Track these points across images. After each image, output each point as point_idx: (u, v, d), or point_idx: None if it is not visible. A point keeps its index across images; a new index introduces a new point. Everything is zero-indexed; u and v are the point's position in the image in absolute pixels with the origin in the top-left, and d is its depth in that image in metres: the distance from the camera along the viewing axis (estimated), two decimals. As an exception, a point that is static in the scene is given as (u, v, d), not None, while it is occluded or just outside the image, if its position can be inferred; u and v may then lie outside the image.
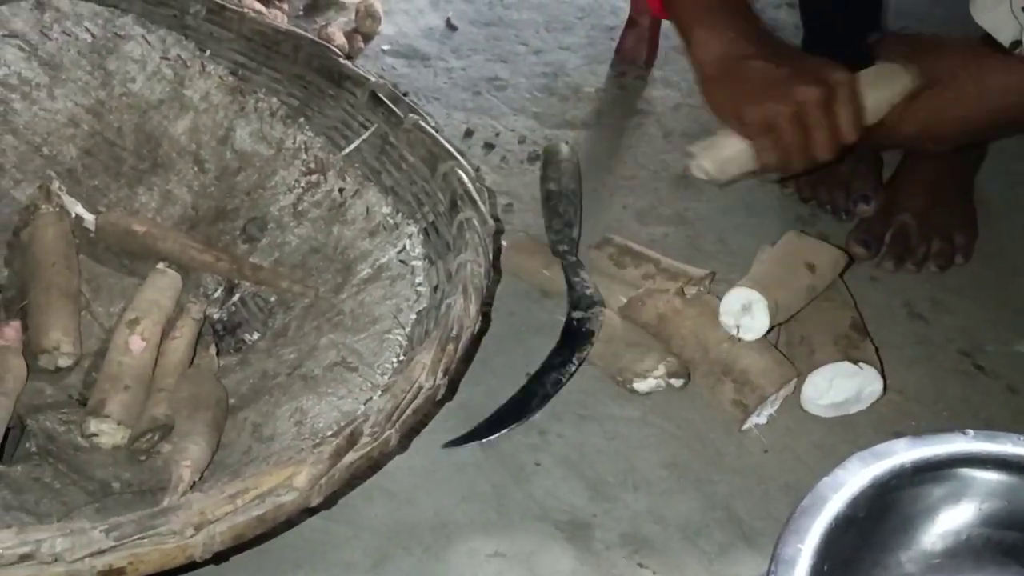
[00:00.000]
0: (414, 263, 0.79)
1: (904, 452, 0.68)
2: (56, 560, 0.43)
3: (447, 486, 0.77)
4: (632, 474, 0.79)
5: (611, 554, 0.73)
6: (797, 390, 0.82)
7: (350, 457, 0.53)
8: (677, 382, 0.82)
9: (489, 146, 1.11)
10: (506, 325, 0.90)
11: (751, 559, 0.73)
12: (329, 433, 0.65)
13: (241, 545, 0.52)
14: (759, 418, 0.82)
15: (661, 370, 0.81)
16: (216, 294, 0.85)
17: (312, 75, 0.88)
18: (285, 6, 1.27)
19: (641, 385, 0.82)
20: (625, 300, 0.87)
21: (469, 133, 1.13)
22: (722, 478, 0.79)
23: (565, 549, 0.73)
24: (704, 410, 0.83)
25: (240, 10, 0.91)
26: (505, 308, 0.92)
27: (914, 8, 1.35)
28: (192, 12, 0.91)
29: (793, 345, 0.84)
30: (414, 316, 0.75)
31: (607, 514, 0.76)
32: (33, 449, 0.72)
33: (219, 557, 0.51)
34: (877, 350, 0.84)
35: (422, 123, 0.83)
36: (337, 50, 0.90)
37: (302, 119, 0.88)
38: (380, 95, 0.85)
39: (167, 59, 0.91)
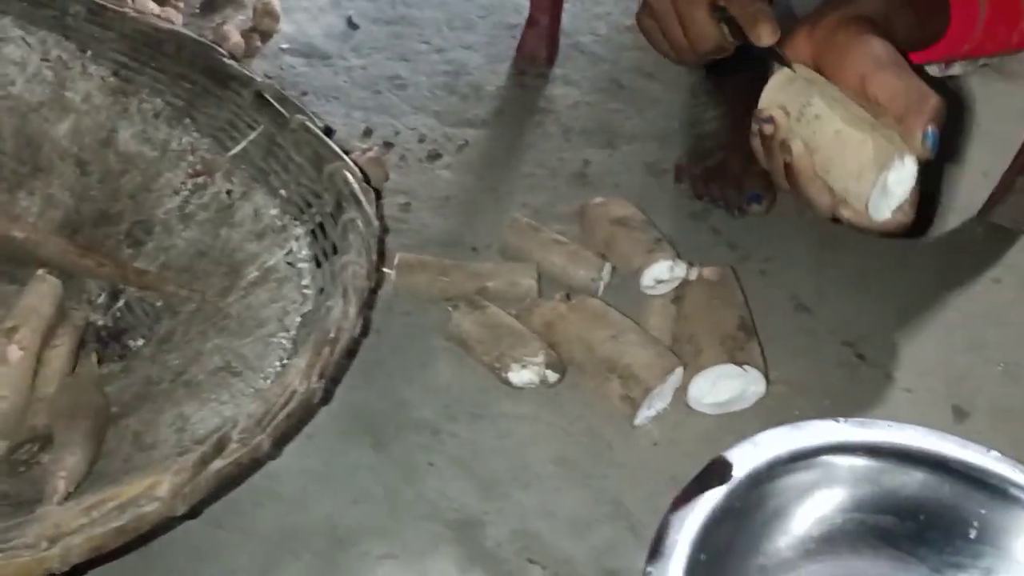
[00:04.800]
0: (301, 265, 0.79)
1: (779, 442, 0.70)
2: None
3: (339, 489, 0.76)
4: (524, 471, 0.79)
5: (501, 551, 0.74)
6: (685, 385, 0.84)
7: (218, 464, 0.53)
8: (553, 376, 0.83)
9: (388, 145, 1.11)
10: (400, 325, 0.90)
11: (639, 552, 0.74)
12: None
13: (111, 554, 0.51)
14: (650, 411, 0.84)
15: (541, 357, 0.82)
16: (100, 300, 0.83)
17: (196, 75, 0.86)
18: (181, 4, 1.24)
19: (516, 375, 0.83)
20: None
21: (368, 132, 1.12)
22: (611, 472, 0.80)
23: (455, 548, 0.73)
24: (595, 405, 0.84)
25: (121, 10, 0.89)
26: (400, 308, 0.92)
27: None
28: (72, 12, 0.89)
29: (682, 343, 0.86)
30: (299, 319, 0.74)
31: (498, 512, 0.76)
32: (-94, 463, 0.70)
33: (88, 567, 0.50)
34: (763, 349, 0.86)
35: (308, 123, 0.82)
36: (223, 49, 0.89)
37: (187, 120, 0.87)
38: (266, 95, 0.84)
39: (47, 60, 0.89)
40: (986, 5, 0.69)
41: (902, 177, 0.59)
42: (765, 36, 0.64)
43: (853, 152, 0.59)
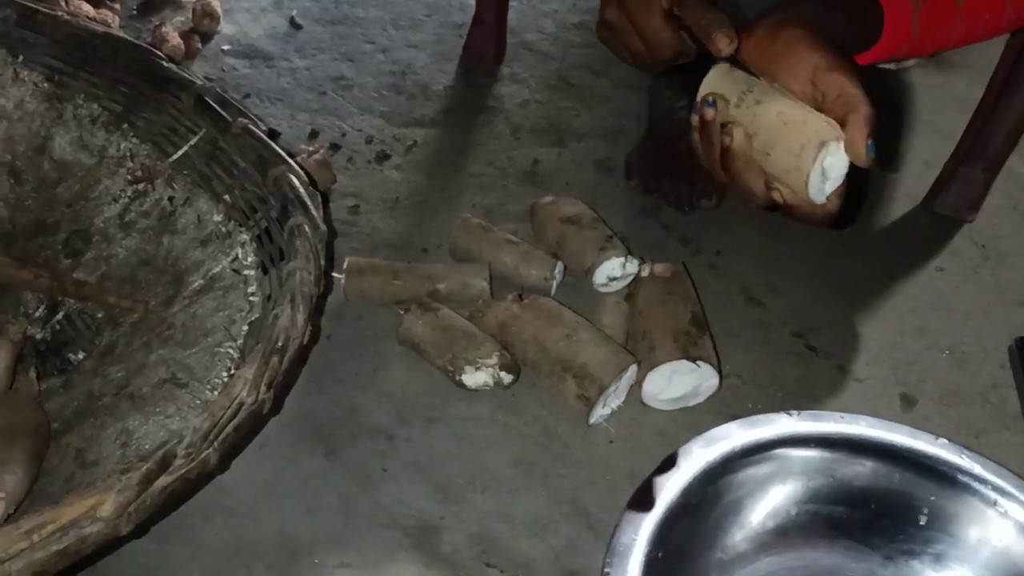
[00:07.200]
0: (247, 272, 0.77)
1: (733, 437, 0.70)
2: None
3: (291, 500, 0.75)
4: (481, 474, 0.79)
5: (458, 556, 0.73)
6: (640, 382, 0.84)
7: (163, 481, 0.51)
8: (507, 377, 0.82)
9: (335, 147, 1.09)
10: (352, 331, 0.89)
11: (597, 550, 0.74)
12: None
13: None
14: (605, 409, 0.83)
15: (494, 359, 0.81)
16: (38, 313, 0.80)
17: (134, 79, 0.84)
18: (117, 6, 1.21)
19: (470, 378, 0.82)
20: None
21: (314, 134, 1.10)
22: (569, 471, 0.80)
23: (412, 555, 0.72)
24: (551, 405, 0.84)
25: (53, 13, 0.86)
26: (352, 313, 0.90)
27: None
28: (2, 17, 0.86)
29: (636, 340, 0.86)
30: (246, 327, 0.73)
31: (455, 516, 0.75)
32: None
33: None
34: (715, 344, 0.86)
35: (251, 127, 0.80)
36: (162, 52, 0.87)
37: (125, 125, 0.84)
38: (207, 99, 0.82)
39: (-25, 66, 0.86)
40: (921, 10, 0.70)
41: (837, 161, 0.61)
42: (723, 46, 0.64)
43: (795, 129, 0.61)
